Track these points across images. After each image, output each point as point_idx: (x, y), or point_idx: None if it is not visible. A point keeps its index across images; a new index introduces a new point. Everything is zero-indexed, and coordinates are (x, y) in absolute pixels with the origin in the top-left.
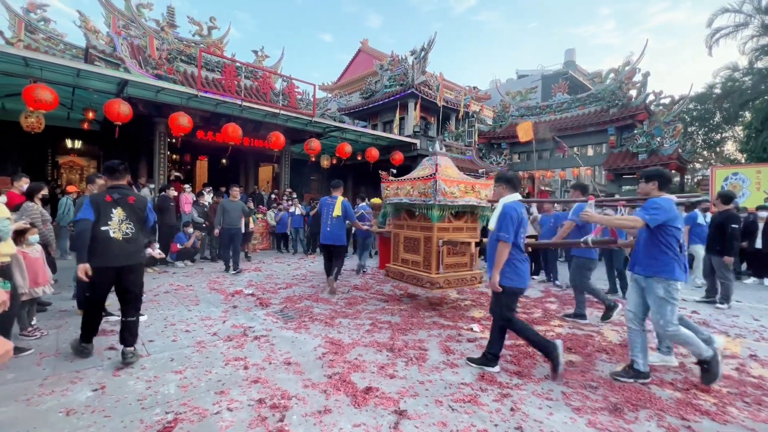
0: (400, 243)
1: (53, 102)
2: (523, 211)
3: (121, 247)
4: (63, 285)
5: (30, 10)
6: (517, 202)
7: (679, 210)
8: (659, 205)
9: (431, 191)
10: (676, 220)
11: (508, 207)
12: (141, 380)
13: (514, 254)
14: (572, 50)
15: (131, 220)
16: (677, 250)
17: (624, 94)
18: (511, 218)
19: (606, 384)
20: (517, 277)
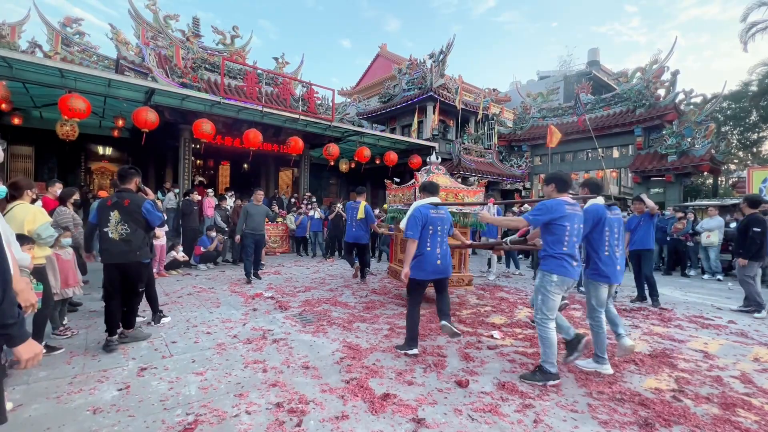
0: (398, 245)
1: (86, 111)
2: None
3: (118, 246)
4: (93, 286)
5: (66, 24)
6: (426, 204)
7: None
8: (545, 207)
9: (414, 199)
10: (562, 219)
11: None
12: (164, 381)
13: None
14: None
15: (126, 222)
16: (561, 247)
17: (651, 93)
18: (415, 218)
19: (635, 397)
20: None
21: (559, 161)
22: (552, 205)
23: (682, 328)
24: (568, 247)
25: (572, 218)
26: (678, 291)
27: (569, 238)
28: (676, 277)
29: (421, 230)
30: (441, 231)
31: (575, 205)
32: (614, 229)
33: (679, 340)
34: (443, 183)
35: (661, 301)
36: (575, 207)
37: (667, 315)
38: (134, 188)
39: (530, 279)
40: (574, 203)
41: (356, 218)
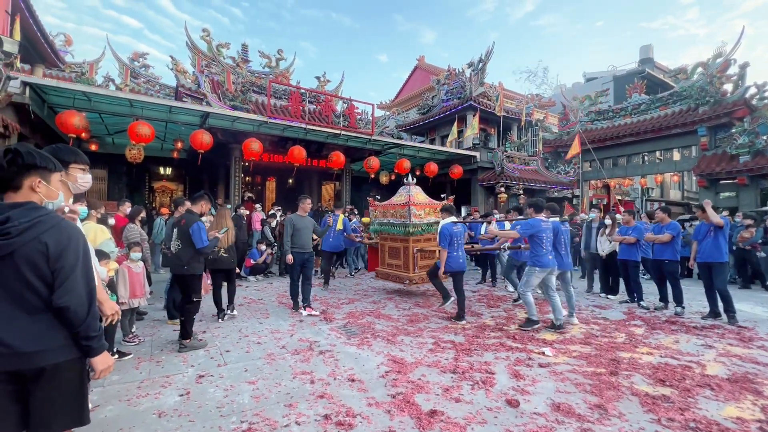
0: (386, 252)
1: (151, 135)
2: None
3: (172, 260)
4: (157, 297)
5: (134, 59)
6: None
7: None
8: (529, 224)
9: (407, 214)
10: (540, 232)
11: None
12: (219, 388)
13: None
14: (648, 46)
15: (179, 239)
16: (542, 250)
17: (716, 89)
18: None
19: (713, 426)
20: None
21: (611, 166)
22: (533, 222)
23: (766, 349)
24: (546, 249)
25: (546, 230)
26: (760, 307)
27: (546, 243)
28: (756, 291)
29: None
30: (460, 238)
31: (548, 221)
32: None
33: (764, 364)
34: (420, 200)
35: (740, 318)
36: (548, 222)
37: (747, 334)
38: (199, 211)
39: (584, 293)
40: (546, 219)
41: (335, 229)
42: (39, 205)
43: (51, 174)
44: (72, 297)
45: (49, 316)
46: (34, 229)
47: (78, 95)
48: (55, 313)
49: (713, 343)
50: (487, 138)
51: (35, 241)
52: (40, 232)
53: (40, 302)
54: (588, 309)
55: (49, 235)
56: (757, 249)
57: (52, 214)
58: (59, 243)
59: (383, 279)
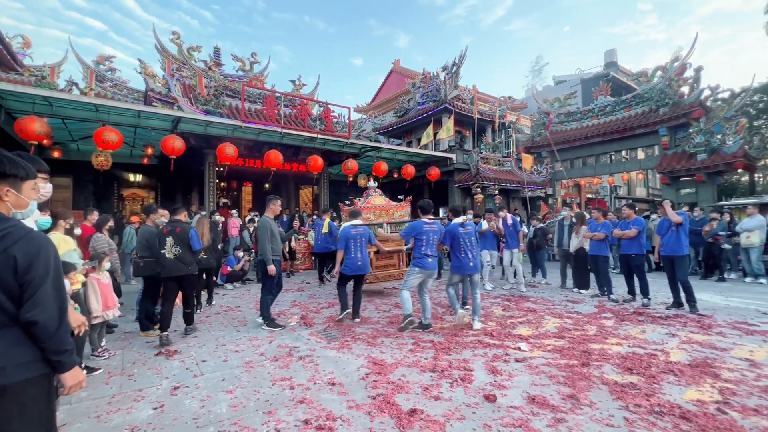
0: None
1: (119, 141)
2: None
3: (173, 264)
4: (127, 308)
5: (99, 62)
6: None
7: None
8: (411, 226)
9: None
10: (420, 234)
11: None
12: (196, 399)
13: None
14: (612, 51)
15: (178, 245)
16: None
17: (674, 91)
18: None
19: (675, 409)
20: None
21: (581, 165)
22: (415, 225)
23: (724, 335)
24: (425, 250)
25: (428, 233)
26: (718, 296)
27: (427, 246)
28: (716, 281)
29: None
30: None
31: (432, 223)
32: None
33: (722, 349)
34: (379, 203)
35: (700, 307)
36: (431, 225)
37: (707, 322)
38: (184, 219)
39: (558, 289)
40: (431, 222)
41: (321, 232)
42: (6, 216)
43: (22, 182)
44: (41, 310)
45: (16, 331)
46: (1, 243)
47: (38, 100)
48: (23, 327)
49: (676, 331)
50: (463, 140)
51: (2, 255)
52: (7, 245)
53: (4, 317)
54: (562, 304)
55: (17, 248)
56: (720, 240)
57: (20, 225)
58: (28, 255)
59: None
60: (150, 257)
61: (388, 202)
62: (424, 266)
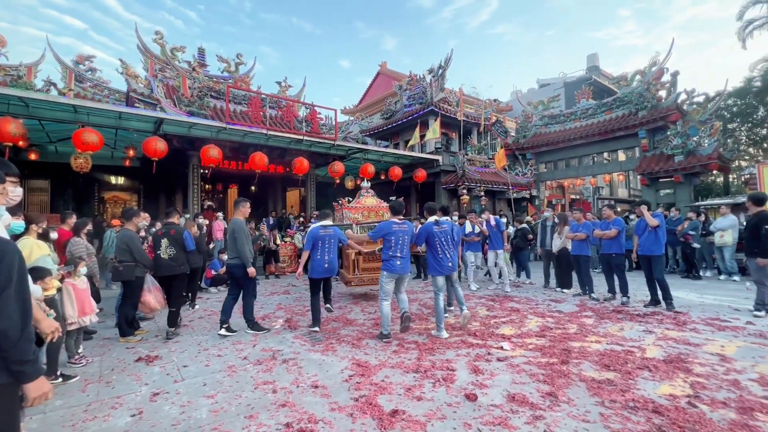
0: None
1: (99, 143)
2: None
3: (167, 264)
4: (107, 314)
5: (79, 62)
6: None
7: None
8: (379, 227)
9: (340, 218)
10: (389, 234)
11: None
12: (175, 405)
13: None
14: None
15: (172, 246)
16: (389, 253)
17: (653, 95)
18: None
19: (648, 404)
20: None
21: (565, 167)
22: (383, 225)
23: (697, 331)
24: (393, 252)
25: (397, 233)
26: (694, 293)
27: (396, 247)
28: (694, 279)
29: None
30: (330, 243)
31: (402, 223)
32: (441, 239)
33: (695, 344)
34: (370, 203)
35: (676, 305)
36: (402, 225)
37: (682, 318)
38: (177, 221)
39: (541, 288)
40: (401, 222)
41: None
42: None
43: None
44: (2, 318)
45: None
46: None
47: (14, 100)
48: None
49: (653, 328)
50: (449, 142)
51: None
52: None
53: None
54: (545, 303)
55: None
56: (689, 240)
57: None
58: None
59: (341, 280)
60: (130, 261)
61: (380, 202)
62: (392, 269)
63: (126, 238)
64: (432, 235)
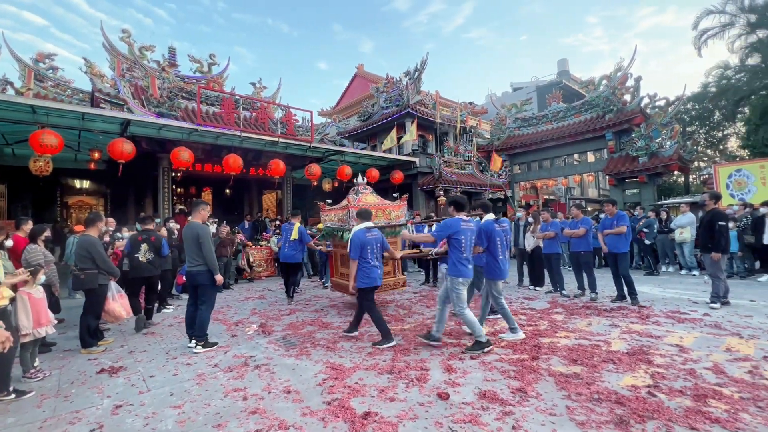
0: (338, 259)
1: (59, 146)
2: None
3: (145, 266)
4: (69, 324)
5: (39, 60)
6: (361, 229)
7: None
8: (445, 224)
9: (346, 218)
10: (458, 233)
11: (353, 235)
12: (139, 417)
13: (362, 265)
14: (565, 60)
15: (152, 250)
16: (461, 255)
17: (618, 99)
18: (353, 243)
19: (612, 396)
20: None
21: (538, 168)
22: (450, 223)
23: (659, 324)
24: (465, 254)
25: (467, 232)
26: (657, 288)
27: (467, 248)
28: (645, 275)
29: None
30: (377, 247)
31: (468, 221)
32: (503, 239)
33: (656, 336)
34: (371, 201)
35: (641, 299)
36: (468, 223)
37: (645, 312)
38: (153, 227)
39: (515, 287)
40: (467, 219)
41: (290, 239)
42: None
43: None
44: None
45: None
46: None
47: None
48: None
49: (618, 322)
50: (426, 144)
51: None
52: None
53: None
54: (518, 301)
55: None
56: (642, 237)
57: None
58: None
59: (336, 289)
60: (91, 268)
61: (381, 200)
62: (466, 273)
63: (87, 244)
64: (494, 235)
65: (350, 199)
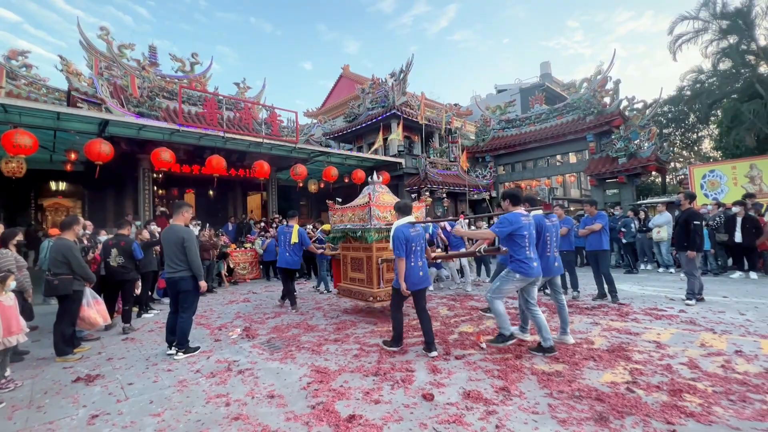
0: (348, 263)
1: (33, 146)
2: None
3: (116, 270)
4: (43, 331)
5: (11, 57)
6: (405, 224)
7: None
8: (506, 220)
9: (367, 216)
10: (520, 229)
11: (396, 230)
12: (117, 427)
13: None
14: (547, 63)
15: (122, 255)
16: (524, 252)
17: (598, 101)
18: (397, 239)
19: (592, 393)
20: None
21: (522, 169)
22: (511, 218)
23: (638, 321)
24: (528, 251)
25: (528, 227)
26: (636, 286)
27: (530, 244)
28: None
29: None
30: (420, 245)
31: (528, 215)
32: (553, 235)
33: (635, 333)
34: (387, 200)
35: (621, 297)
36: (529, 217)
37: (625, 310)
38: (127, 233)
39: None
40: (527, 214)
41: (290, 243)
42: None
43: None
44: None
45: None
46: None
47: None
48: None
49: (599, 320)
50: (411, 145)
51: None
52: None
53: None
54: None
55: None
56: (621, 236)
57: None
58: None
59: (345, 296)
60: (66, 274)
61: (395, 199)
62: (529, 271)
63: (63, 248)
64: (544, 230)
65: (371, 195)
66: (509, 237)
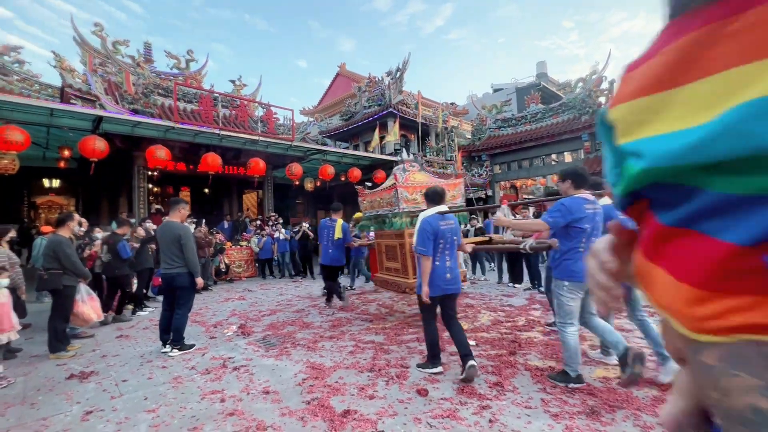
0: (383, 252)
1: (25, 142)
2: (441, 223)
3: (105, 267)
4: (36, 329)
5: (3, 53)
6: (433, 215)
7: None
8: (562, 206)
9: (394, 200)
10: (581, 221)
11: (422, 221)
12: (111, 423)
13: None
14: (543, 62)
15: (110, 253)
16: (578, 250)
17: (594, 101)
18: (423, 232)
19: (584, 388)
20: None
21: (517, 168)
22: (570, 204)
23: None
24: (583, 248)
25: (592, 219)
26: None
27: (587, 239)
28: None
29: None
30: (451, 241)
31: (595, 202)
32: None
33: (628, 330)
34: (420, 180)
35: None
36: (596, 205)
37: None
38: (122, 233)
39: (495, 284)
40: (594, 200)
41: (333, 238)
42: None
43: None
44: None
45: None
46: None
47: None
48: None
49: None
50: (408, 144)
51: None
52: None
53: None
54: (497, 298)
55: None
56: None
57: None
58: None
59: (382, 287)
60: (57, 269)
61: (431, 178)
62: (577, 276)
63: (54, 243)
64: (583, 219)
65: (398, 176)
66: (565, 231)
